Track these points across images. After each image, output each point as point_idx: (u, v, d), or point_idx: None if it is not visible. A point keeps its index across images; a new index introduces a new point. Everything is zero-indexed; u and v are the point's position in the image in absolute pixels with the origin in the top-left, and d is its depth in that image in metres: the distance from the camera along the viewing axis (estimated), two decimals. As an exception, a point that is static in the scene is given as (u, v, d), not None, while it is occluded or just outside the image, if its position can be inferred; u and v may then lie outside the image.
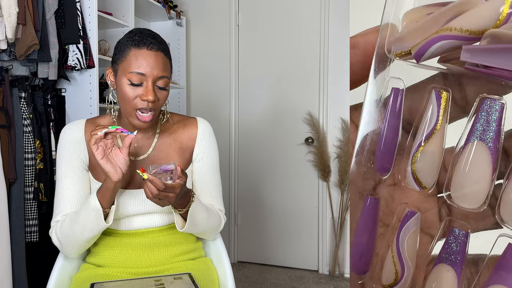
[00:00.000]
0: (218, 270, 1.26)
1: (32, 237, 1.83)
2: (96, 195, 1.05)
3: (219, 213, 1.23)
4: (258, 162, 3.18)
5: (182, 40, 3.20)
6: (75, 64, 2.03)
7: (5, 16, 1.65)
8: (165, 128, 1.19)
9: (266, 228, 3.18)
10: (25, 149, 1.82)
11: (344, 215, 2.92)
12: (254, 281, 2.87)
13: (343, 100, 2.93)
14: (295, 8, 3.04)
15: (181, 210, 1.08)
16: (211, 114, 3.24)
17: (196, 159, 1.20)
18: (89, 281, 1.10)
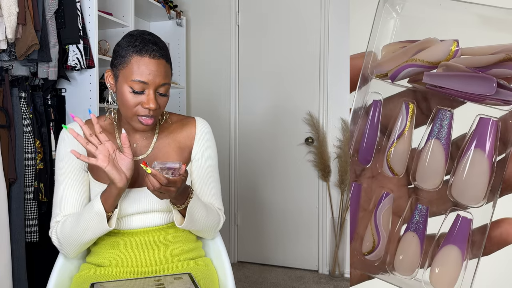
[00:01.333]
0: (218, 270, 1.26)
1: (32, 237, 1.83)
2: (100, 198, 1.05)
3: (219, 212, 1.23)
4: (258, 162, 3.18)
5: (182, 40, 3.20)
6: (75, 64, 2.03)
7: (5, 16, 1.65)
8: (164, 128, 1.19)
9: (266, 228, 3.18)
10: (25, 149, 1.82)
11: (344, 215, 2.92)
12: (254, 281, 2.87)
13: (343, 100, 2.93)
14: (295, 8, 3.04)
15: (180, 207, 1.09)
16: (211, 114, 3.24)
17: (194, 159, 1.21)
18: (89, 281, 1.10)
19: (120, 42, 1.08)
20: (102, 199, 1.05)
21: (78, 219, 1.08)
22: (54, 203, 1.15)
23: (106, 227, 1.06)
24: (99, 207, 1.05)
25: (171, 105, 3.17)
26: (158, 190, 0.97)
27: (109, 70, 1.11)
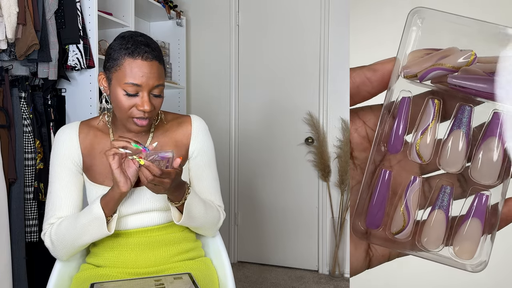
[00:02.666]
0: (218, 270, 1.26)
1: (32, 237, 1.83)
2: (100, 202, 1.05)
3: (218, 209, 1.23)
4: (258, 162, 3.18)
5: (182, 40, 3.20)
6: (75, 64, 2.03)
7: (5, 16, 1.65)
8: (159, 127, 1.19)
9: (266, 228, 3.18)
10: (25, 149, 1.82)
11: (344, 215, 2.92)
12: (254, 281, 2.87)
13: (343, 100, 2.93)
14: (295, 8, 3.04)
15: (177, 203, 1.09)
16: (211, 114, 3.24)
17: (192, 156, 1.21)
18: (89, 281, 1.10)
19: (112, 45, 1.07)
20: (102, 203, 1.05)
21: (75, 222, 1.07)
22: (48, 204, 1.14)
23: (105, 231, 1.06)
24: (98, 210, 1.04)
25: (171, 105, 3.17)
26: (152, 182, 0.96)
27: (102, 73, 1.10)
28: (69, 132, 1.15)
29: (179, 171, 0.99)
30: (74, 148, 1.14)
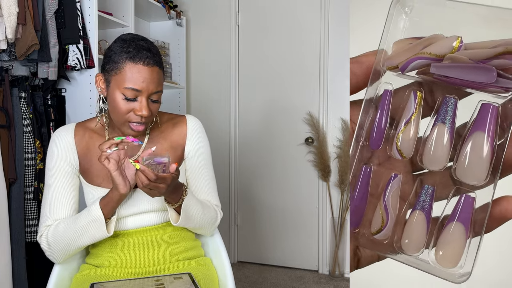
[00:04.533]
0: (218, 270, 1.26)
1: (32, 237, 1.83)
2: (99, 203, 1.05)
3: (215, 208, 1.23)
4: (258, 162, 3.18)
5: (182, 40, 3.20)
6: (75, 64, 2.03)
7: (5, 16, 1.65)
8: (155, 128, 1.19)
9: (266, 228, 3.18)
10: (25, 149, 1.82)
11: (344, 215, 2.92)
12: (254, 281, 2.87)
13: (343, 100, 2.93)
14: (295, 8, 3.04)
15: (175, 205, 1.09)
16: (211, 113, 3.24)
17: (188, 156, 1.20)
18: (89, 281, 1.10)
19: (112, 47, 1.06)
20: (101, 205, 1.05)
21: (74, 223, 1.07)
22: (44, 206, 1.13)
23: (104, 233, 1.06)
24: (98, 212, 1.04)
25: (171, 105, 3.18)
26: (147, 186, 0.97)
27: (100, 74, 1.08)
28: (64, 134, 1.15)
29: (175, 176, 0.99)
30: (70, 150, 1.13)
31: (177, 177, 1.01)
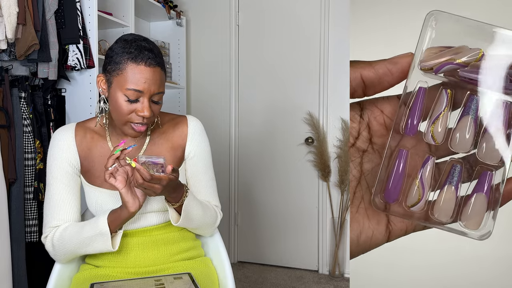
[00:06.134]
0: (218, 270, 1.26)
1: (32, 237, 1.83)
2: (107, 218, 1.05)
3: (215, 209, 1.23)
4: (258, 162, 3.18)
5: (182, 40, 3.20)
6: (75, 64, 2.03)
7: (5, 16, 1.65)
8: (155, 128, 1.19)
9: (266, 228, 3.18)
10: (25, 149, 1.82)
11: (344, 215, 2.92)
12: (254, 281, 2.87)
13: (343, 100, 2.93)
14: (295, 8, 3.04)
15: (175, 205, 1.09)
16: (211, 114, 3.24)
17: (188, 157, 1.20)
18: (89, 281, 1.10)
19: (114, 47, 1.05)
20: (109, 220, 1.05)
21: (80, 232, 1.07)
22: (47, 208, 1.13)
23: (109, 248, 1.07)
24: (104, 227, 1.05)
25: (171, 105, 3.18)
26: (141, 185, 0.96)
27: (101, 75, 1.08)
28: (65, 134, 1.14)
29: (173, 178, 0.99)
30: (71, 151, 1.13)
31: (175, 178, 1.00)
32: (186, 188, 1.10)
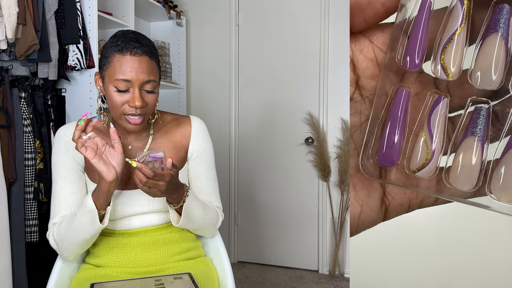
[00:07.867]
0: (218, 270, 1.26)
1: (32, 237, 1.83)
2: (92, 196, 1.05)
3: (217, 210, 1.23)
4: (258, 162, 3.18)
5: (182, 40, 3.20)
6: (75, 64, 2.03)
7: (5, 16, 1.65)
8: (158, 128, 1.19)
9: (266, 228, 3.18)
10: (25, 149, 1.82)
11: (344, 215, 2.92)
12: (254, 281, 2.87)
13: (343, 100, 2.93)
14: (295, 8, 3.04)
15: (176, 205, 1.09)
16: (211, 114, 3.24)
17: (191, 158, 1.21)
18: (89, 281, 1.10)
19: (105, 44, 1.08)
20: (93, 197, 1.04)
21: (72, 219, 1.07)
22: (52, 204, 1.14)
23: (98, 225, 1.05)
24: (90, 204, 1.03)
25: (171, 105, 3.18)
26: (146, 184, 0.96)
27: (98, 73, 1.10)
28: (69, 131, 1.15)
29: (174, 174, 0.99)
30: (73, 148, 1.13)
31: (176, 174, 1.00)
32: (186, 188, 1.10)
